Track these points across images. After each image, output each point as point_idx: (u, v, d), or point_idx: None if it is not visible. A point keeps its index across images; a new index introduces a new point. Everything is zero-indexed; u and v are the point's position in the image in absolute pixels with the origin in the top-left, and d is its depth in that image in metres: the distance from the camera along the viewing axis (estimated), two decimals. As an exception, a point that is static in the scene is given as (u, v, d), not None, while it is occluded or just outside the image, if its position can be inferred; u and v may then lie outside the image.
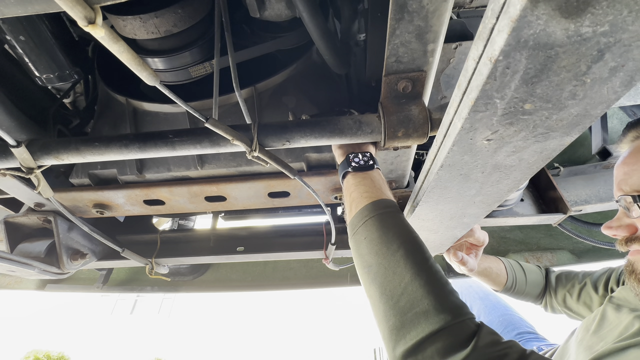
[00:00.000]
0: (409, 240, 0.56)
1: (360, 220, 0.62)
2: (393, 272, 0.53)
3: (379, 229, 0.59)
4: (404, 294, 0.51)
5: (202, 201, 1.03)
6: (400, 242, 0.56)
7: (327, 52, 0.78)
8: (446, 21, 0.54)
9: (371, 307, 0.56)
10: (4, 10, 0.45)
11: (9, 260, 0.98)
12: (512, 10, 0.27)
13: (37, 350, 7.93)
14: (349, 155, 0.72)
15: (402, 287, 0.51)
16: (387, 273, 0.54)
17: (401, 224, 0.60)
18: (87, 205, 1.03)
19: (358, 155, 0.71)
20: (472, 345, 0.44)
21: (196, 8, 0.77)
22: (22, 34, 0.83)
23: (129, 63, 0.48)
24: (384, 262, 0.55)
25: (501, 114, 0.37)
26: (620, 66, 0.31)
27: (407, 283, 0.51)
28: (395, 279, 0.52)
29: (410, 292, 0.50)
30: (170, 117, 0.97)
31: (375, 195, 0.65)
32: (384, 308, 0.53)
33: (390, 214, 0.61)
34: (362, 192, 0.66)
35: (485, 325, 0.49)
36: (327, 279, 1.86)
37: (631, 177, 0.69)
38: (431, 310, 0.48)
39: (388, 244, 0.56)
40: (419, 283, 0.50)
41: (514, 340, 0.47)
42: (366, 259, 0.58)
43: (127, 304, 10.92)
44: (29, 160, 0.70)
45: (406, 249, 0.54)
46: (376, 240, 0.58)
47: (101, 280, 1.85)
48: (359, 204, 0.65)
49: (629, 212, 0.69)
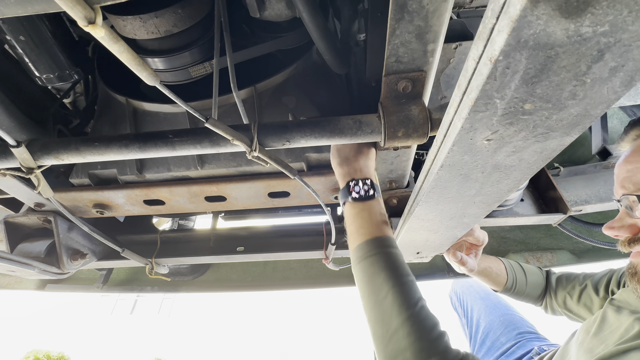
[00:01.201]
0: (398, 285, 0.59)
1: (355, 261, 0.67)
2: (382, 320, 0.57)
3: (369, 275, 0.63)
4: (390, 341, 0.54)
5: (202, 201, 1.03)
6: (388, 288, 0.58)
7: (327, 52, 0.78)
8: (446, 21, 0.53)
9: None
10: (3, 10, 0.45)
11: (9, 260, 0.98)
12: (512, 10, 0.27)
13: (37, 351, 7.93)
14: (349, 183, 0.72)
15: (389, 334, 0.55)
16: (377, 319, 0.58)
17: (392, 265, 0.62)
18: (87, 205, 1.03)
19: (359, 184, 0.72)
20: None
21: (196, 8, 0.77)
22: (22, 34, 0.83)
23: (129, 63, 0.48)
24: (374, 308, 0.59)
25: (501, 114, 0.37)
26: (620, 66, 0.31)
27: (393, 332, 0.54)
28: (384, 326, 0.56)
29: (395, 342, 0.54)
30: (170, 117, 0.97)
31: (370, 232, 0.67)
32: (376, 346, 0.57)
33: (382, 255, 0.64)
34: (358, 227, 0.69)
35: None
36: (327, 279, 1.86)
37: (635, 175, 0.67)
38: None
39: (377, 290, 0.60)
40: (403, 333, 0.53)
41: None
42: (361, 297, 0.63)
43: (127, 304, 10.92)
44: (29, 160, 0.70)
45: (394, 295, 0.57)
46: (367, 286, 0.62)
47: (101, 280, 1.85)
48: (354, 240, 0.69)
49: (632, 211, 0.68)
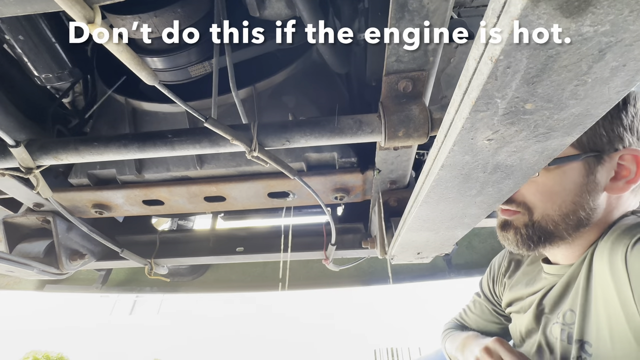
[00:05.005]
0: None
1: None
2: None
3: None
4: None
5: (202, 201, 1.03)
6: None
7: (327, 52, 0.78)
8: (447, 21, 0.53)
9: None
10: (3, 9, 0.45)
11: (7, 261, 0.98)
12: (512, 9, 0.27)
13: (36, 351, 7.90)
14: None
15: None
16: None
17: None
18: (86, 206, 1.03)
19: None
20: None
21: (195, 7, 0.77)
22: (21, 33, 0.83)
23: (128, 62, 0.48)
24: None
25: (502, 113, 0.37)
26: (621, 66, 0.30)
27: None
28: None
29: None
30: (170, 117, 0.97)
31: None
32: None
33: None
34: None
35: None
36: (327, 279, 1.86)
37: None
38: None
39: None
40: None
41: None
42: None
43: (126, 304, 10.91)
44: (28, 160, 0.69)
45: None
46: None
47: (100, 281, 1.84)
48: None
49: None
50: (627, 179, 0.63)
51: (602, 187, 0.64)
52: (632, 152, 0.62)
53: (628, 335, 0.56)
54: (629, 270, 0.56)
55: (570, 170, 0.64)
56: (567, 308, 0.71)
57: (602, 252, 0.63)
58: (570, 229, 0.67)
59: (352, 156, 0.95)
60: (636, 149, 0.62)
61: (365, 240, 1.12)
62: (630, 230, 0.60)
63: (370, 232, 1.27)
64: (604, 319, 0.61)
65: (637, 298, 0.54)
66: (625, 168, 0.63)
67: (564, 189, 0.65)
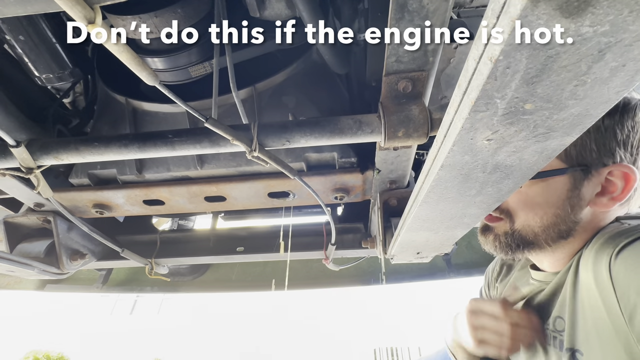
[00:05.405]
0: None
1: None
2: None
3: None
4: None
5: (202, 201, 1.03)
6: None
7: (327, 52, 0.78)
8: (446, 21, 0.53)
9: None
10: (3, 9, 0.45)
11: (8, 261, 0.98)
12: (512, 10, 0.27)
13: (36, 351, 7.92)
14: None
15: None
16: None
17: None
18: (87, 205, 1.03)
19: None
20: None
21: (196, 8, 0.77)
22: (22, 33, 0.83)
23: (128, 63, 0.48)
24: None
25: (502, 113, 0.37)
26: (621, 66, 0.30)
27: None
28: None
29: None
30: (170, 117, 0.97)
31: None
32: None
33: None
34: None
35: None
36: (327, 279, 1.86)
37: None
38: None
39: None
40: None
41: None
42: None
43: (126, 304, 10.91)
44: (29, 160, 0.69)
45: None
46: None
47: (101, 281, 1.85)
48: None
49: None
50: (612, 195, 0.61)
51: (587, 202, 0.63)
52: (621, 169, 0.60)
53: (617, 346, 0.55)
54: (613, 280, 0.55)
55: (554, 183, 0.63)
56: (556, 315, 0.70)
57: (586, 261, 0.62)
58: (550, 240, 0.66)
59: (352, 156, 0.95)
60: (627, 166, 0.60)
61: (365, 240, 1.12)
62: (613, 240, 0.58)
63: (370, 232, 1.27)
64: (592, 328, 0.60)
65: (623, 308, 0.53)
66: (612, 184, 0.61)
67: (547, 202, 0.64)
